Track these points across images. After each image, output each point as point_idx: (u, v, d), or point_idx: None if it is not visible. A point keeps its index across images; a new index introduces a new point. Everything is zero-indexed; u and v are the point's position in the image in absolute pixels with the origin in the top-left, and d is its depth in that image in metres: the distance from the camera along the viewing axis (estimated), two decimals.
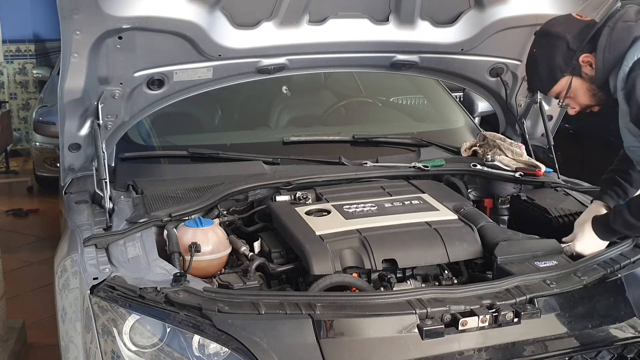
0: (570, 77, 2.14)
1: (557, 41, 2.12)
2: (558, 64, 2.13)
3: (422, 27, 2.62)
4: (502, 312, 1.83)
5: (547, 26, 2.20)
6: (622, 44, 2.04)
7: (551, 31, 2.15)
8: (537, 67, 2.18)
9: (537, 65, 2.18)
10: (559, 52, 2.12)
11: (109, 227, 2.25)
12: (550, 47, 2.14)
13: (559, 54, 2.12)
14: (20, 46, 8.04)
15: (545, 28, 2.20)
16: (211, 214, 2.40)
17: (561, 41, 2.11)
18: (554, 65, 2.13)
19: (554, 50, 2.13)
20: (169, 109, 2.68)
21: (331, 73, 3.55)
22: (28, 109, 7.92)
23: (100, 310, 1.84)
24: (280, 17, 2.41)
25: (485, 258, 2.19)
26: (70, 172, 2.64)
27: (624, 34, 2.05)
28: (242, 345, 1.70)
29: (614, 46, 2.05)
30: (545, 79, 2.19)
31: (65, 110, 2.35)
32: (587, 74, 2.13)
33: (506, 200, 2.67)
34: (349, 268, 2.09)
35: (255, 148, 2.89)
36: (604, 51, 2.06)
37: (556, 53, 2.12)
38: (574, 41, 2.10)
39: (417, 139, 3.06)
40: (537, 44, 2.20)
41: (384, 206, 2.36)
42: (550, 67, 2.15)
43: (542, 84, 2.22)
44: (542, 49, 2.17)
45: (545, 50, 2.16)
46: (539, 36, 2.21)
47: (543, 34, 2.19)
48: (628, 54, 2.02)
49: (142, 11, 2.17)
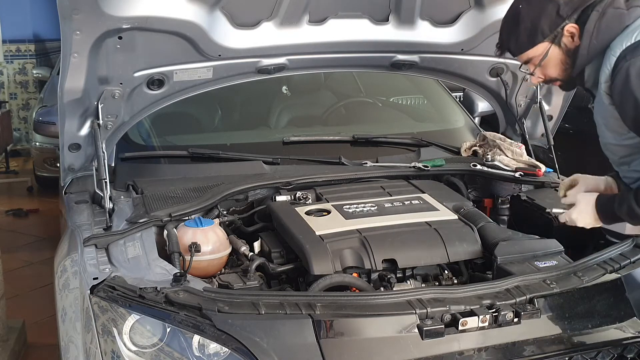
0: (549, 44, 1.98)
1: (548, 3, 1.95)
2: (542, 28, 1.96)
3: (422, 27, 2.62)
4: (502, 312, 1.83)
5: None
6: (611, 31, 1.90)
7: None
8: (518, 25, 2.00)
9: (519, 24, 2.00)
10: (547, 16, 1.95)
11: (109, 227, 2.25)
12: (539, 7, 1.96)
13: (547, 17, 1.95)
14: (20, 46, 8.04)
15: None
16: (211, 214, 2.40)
17: (552, 4, 1.94)
18: (537, 27, 1.96)
19: (542, 12, 1.95)
20: (169, 109, 2.68)
21: (331, 73, 3.55)
22: (28, 109, 7.92)
23: (100, 310, 1.84)
24: (280, 17, 2.41)
25: (485, 258, 2.19)
26: (70, 172, 2.64)
27: (614, 22, 1.90)
28: (242, 345, 1.70)
29: (603, 33, 1.90)
30: (522, 40, 2.01)
31: (65, 110, 2.35)
32: (566, 44, 1.98)
33: (506, 200, 2.67)
34: (349, 268, 2.09)
35: (255, 148, 2.89)
36: (590, 37, 1.92)
37: (543, 15, 1.95)
38: (565, 8, 1.93)
39: (417, 139, 3.06)
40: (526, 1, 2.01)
41: (384, 206, 2.36)
42: (532, 28, 1.97)
43: (518, 45, 2.05)
44: (529, 7, 1.98)
45: (533, 10, 1.97)
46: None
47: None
48: (615, 42, 1.88)
49: (142, 11, 2.17)
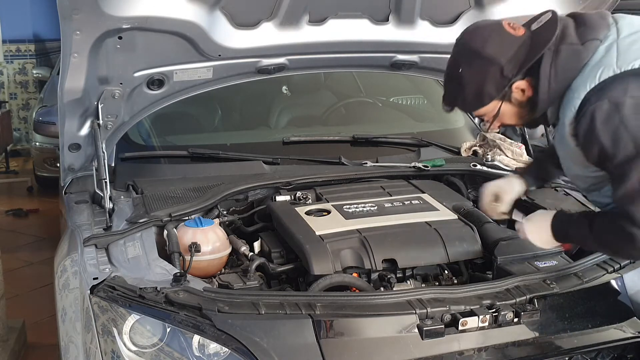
0: (499, 102, 1.87)
1: (489, 66, 1.81)
2: (488, 91, 1.84)
3: (422, 27, 2.62)
4: (502, 312, 1.83)
5: (476, 43, 1.84)
6: (570, 71, 1.77)
7: (483, 53, 1.81)
8: (463, 89, 1.87)
9: (463, 87, 1.87)
10: (491, 78, 1.82)
11: (109, 227, 2.25)
12: (481, 71, 1.83)
13: (491, 80, 1.82)
14: (20, 46, 8.04)
15: (476, 46, 1.84)
16: (211, 214, 2.40)
17: (494, 67, 1.80)
18: (482, 91, 1.84)
19: (485, 75, 1.82)
20: (169, 109, 2.68)
21: (331, 73, 3.55)
22: (28, 109, 7.92)
23: (100, 310, 1.84)
24: (280, 17, 2.41)
25: (485, 258, 2.19)
26: (70, 172, 2.64)
27: (572, 61, 1.77)
28: (242, 345, 1.70)
29: (561, 74, 1.78)
30: (470, 102, 1.90)
31: (65, 110, 2.35)
32: (517, 99, 1.86)
33: None
34: (349, 268, 2.09)
35: (255, 148, 2.89)
36: (548, 80, 1.79)
37: (487, 79, 1.82)
38: (509, 67, 1.80)
39: (417, 139, 3.06)
40: (465, 62, 1.86)
41: (384, 206, 2.36)
42: (478, 92, 1.85)
43: (465, 106, 1.96)
44: (471, 71, 1.85)
45: (476, 74, 1.84)
46: (468, 54, 1.86)
47: (473, 53, 1.84)
48: (576, 82, 1.76)
49: (142, 11, 2.17)
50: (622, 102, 1.66)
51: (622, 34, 1.78)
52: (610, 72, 1.71)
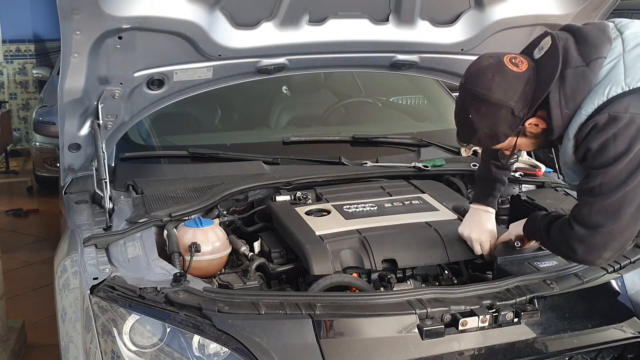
0: (514, 138, 1.88)
1: (499, 110, 1.80)
2: (502, 131, 1.84)
3: (422, 27, 2.62)
4: (502, 312, 1.83)
5: (482, 89, 1.81)
6: (581, 95, 1.76)
7: (491, 99, 1.79)
8: (476, 132, 1.87)
9: (476, 131, 1.87)
10: (503, 120, 1.81)
11: (109, 227, 2.25)
12: (492, 116, 1.82)
13: (503, 121, 1.81)
14: (20, 46, 8.04)
15: (482, 92, 1.80)
16: (211, 214, 2.40)
17: (504, 110, 1.79)
18: (496, 132, 1.85)
19: (496, 118, 1.81)
20: (169, 109, 2.68)
21: (331, 73, 3.55)
22: (28, 109, 7.92)
23: (100, 310, 1.84)
24: (280, 17, 2.41)
25: (485, 258, 2.19)
26: (70, 172, 2.64)
27: (580, 83, 1.75)
28: (242, 345, 1.70)
29: (571, 99, 1.76)
30: (485, 142, 1.91)
31: (65, 110, 2.35)
32: (532, 132, 1.87)
33: (506, 200, 2.67)
34: (349, 268, 2.09)
35: (255, 148, 2.89)
36: (559, 107, 1.77)
37: (499, 122, 1.82)
38: (519, 107, 1.79)
39: (417, 139, 3.06)
40: (474, 108, 1.83)
41: (384, 206, 2.36)
42: (492, 133, 1.85)
43: (482, 144, 1.99)
44: (480, 117, 1.83)
45: (486, 119, 1.83)
46: (475, 100, 1.82)
47: (480, 99, 1.81)
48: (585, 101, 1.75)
49: (142, 11, 2.17)
50: (620, 117, 1.69)
51: (628, 46, 1.77)
52: (619, 90, 1.71)
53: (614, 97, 1.71)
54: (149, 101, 2.56)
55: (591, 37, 1.80)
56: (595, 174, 1.76)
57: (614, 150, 1.71)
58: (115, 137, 2.61)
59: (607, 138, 1.71)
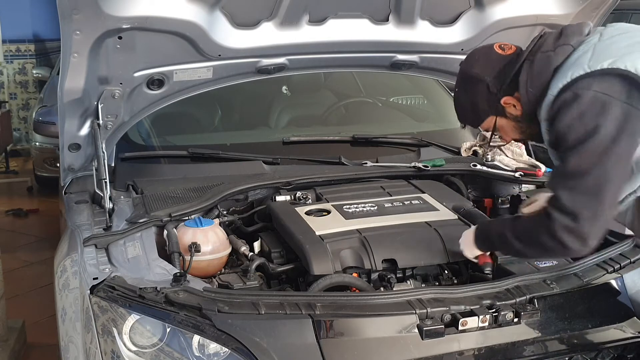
0: (494, 117, 2.00)
1: (476, 84, 1.96)
2: (481, 107, 1.99)
3: (422, 27, 2.62)
4: (502, 312, 1.83)
5: (466, 65, 2.02)
6: (544, 75, 1.87)
7: (470, 73, 1.99)
8: (463, 107, 2.06)
9: (462, 106, 2.06)
10: (480, 96, 1.97)
11: (109, 227, 2.25)
12: (471, 90, 1.99)
13: (480, 97, 1.97)
14: (20, 46, 8.03)
15: (465, 68, 2.02)
16: (211, 214, 2.40)
17: (481, 84, 1.95)
18: (477, 107, 2.00)
19: (475, 93, 1.98)
20: (169, 109, 2.68)
21: (331, 73, 3.55)
22: (28, 109, 7.91)
23: (100, 310, 1.84)
24: (280, 17, 2.41)
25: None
26: (70, 172, 2.64)
27: (544, 66, 1.87)
28: (242, 345, 1.70)
29: (536, 79, 1.88)
30: (471, 119, 2.08)
31: (65, 110, 2.35)
32: (511, 113, 1.98)
33: (506, 200, 2.67)
34: (349, 268, 2.09)
35: (255, 148, 2.89)
36: (526, 86, 1.90)
37: (477, 96, 1.98)
38: (494, 83, 1.93)
39: (417, 139, 3.06)
40: (459, 84, 2.05)
41: (384, 206, 2.36)
42: (474, 109, 2.02)
43: (470, 121, 2.12)
44: (463, 92, 2.03)
45: (467, 93, 2.02)
46: (460, 77, 2.05)
47: (463, 75, 2.03)
48: (551, 84, 1.85)
49: (142, 11, 2.17)
50: (583, 94, 1.75)
51: (603, 37, 1.86)
52: (581, 71, 1.78)
53: (577, 77, 1.78)
54: (149, 101, 2.56)
55: (568, 30, 1.92)
56: (568, 156, 1.77)
57: (582, 128, 1.74)
58: (115, 137, 2.61)
59: (572, 117, 1.75)
